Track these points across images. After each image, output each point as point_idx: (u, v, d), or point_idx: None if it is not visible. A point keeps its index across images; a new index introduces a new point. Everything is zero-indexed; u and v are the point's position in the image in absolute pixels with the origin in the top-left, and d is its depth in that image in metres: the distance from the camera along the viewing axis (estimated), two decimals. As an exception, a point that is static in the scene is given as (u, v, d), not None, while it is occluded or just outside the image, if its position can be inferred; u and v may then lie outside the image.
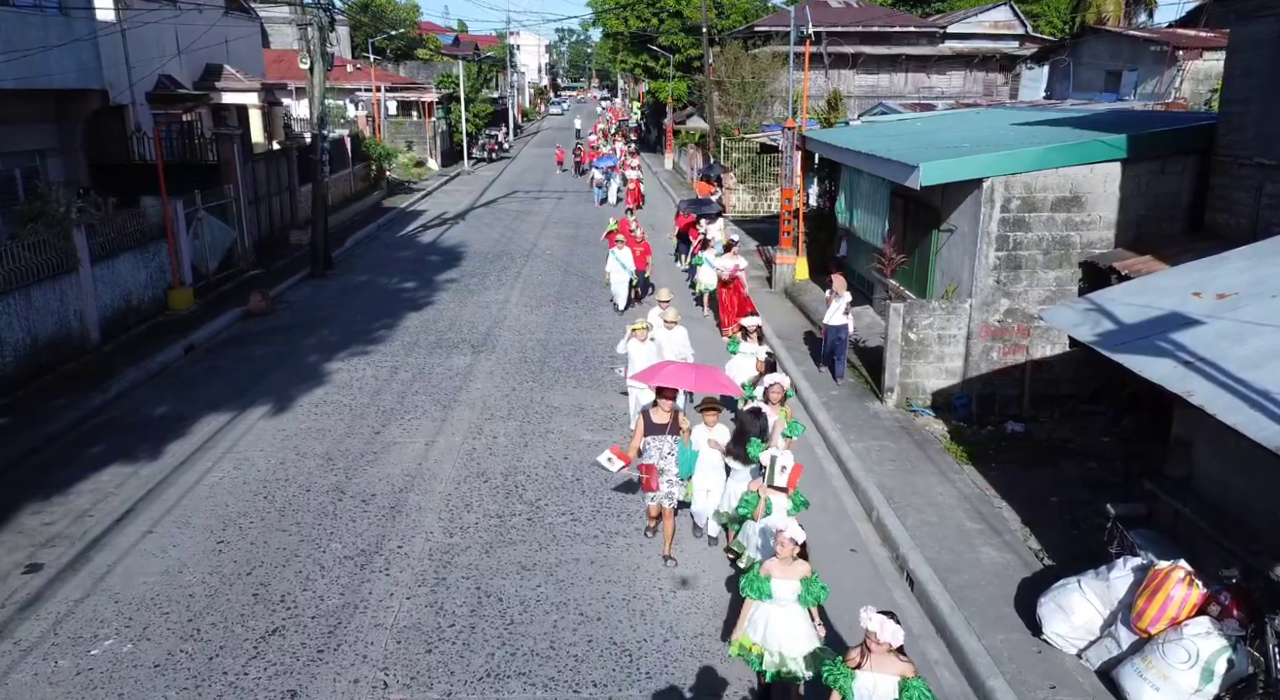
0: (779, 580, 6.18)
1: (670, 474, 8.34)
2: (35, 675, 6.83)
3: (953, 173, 11.56)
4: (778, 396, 8.82)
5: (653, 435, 8.36)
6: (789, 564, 6.24)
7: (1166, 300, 7.72)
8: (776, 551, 6.28)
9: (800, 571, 6.25)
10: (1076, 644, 6.92)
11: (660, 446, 8.33)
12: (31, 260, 13.08)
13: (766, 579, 6.19)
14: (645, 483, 8.42)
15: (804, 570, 6.28)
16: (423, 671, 6.91)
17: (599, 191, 33.83)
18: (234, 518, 9.36)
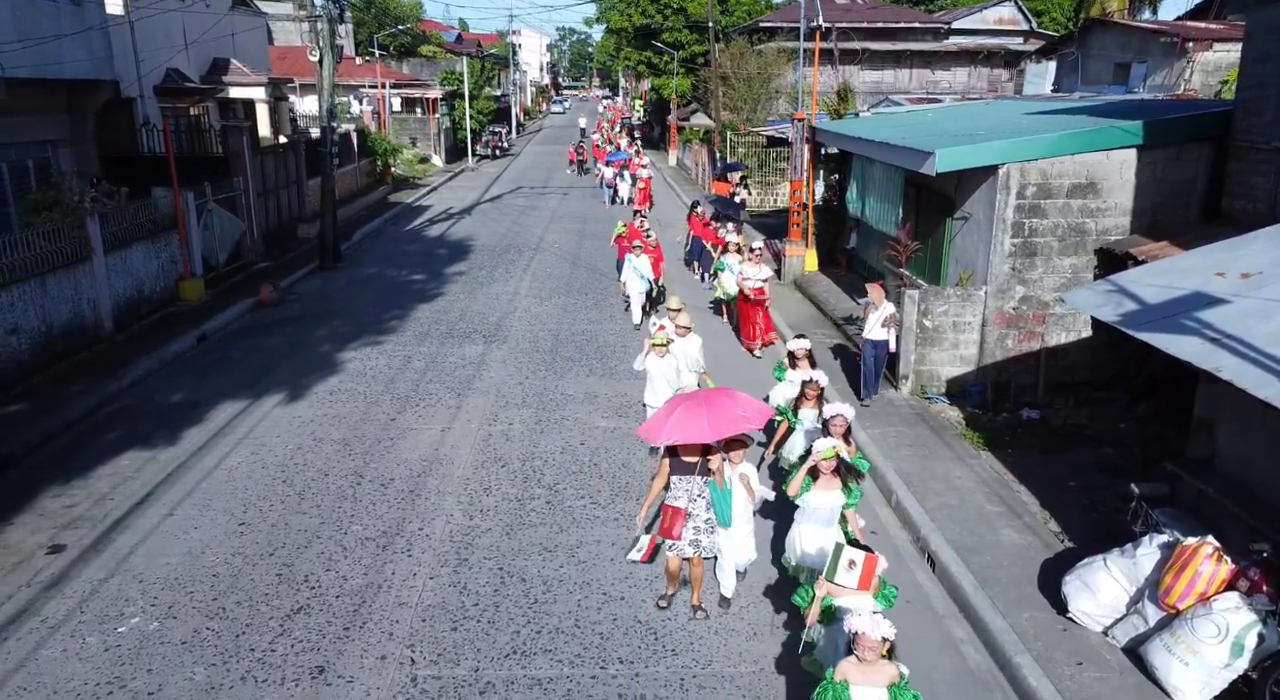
0: (861, 688, 5.03)
1: (700, 519, 7.11)
2: (64, 651, 6.85)
3: (968, 159, 11.57)
4: (840, 429, 7.55)
5: (680, 475, 7.11)
6: (873, 667, 5.03)
7: (1189, 280, 7.72)
8: (857, 653, 5.03)
9: (887, 676, 5.05)
10: (1102, 621, 6.93)
11: (690, 488, 7.10)
12: (46, 248, 13.10)
13: (844, 687, 5.04)
14: (665, 527, 7.08)
15: (891, 674, 5.07)
16: (449, 648, 6.92)
17: (608, 191, 32.44)
18: (254, 501, 9.37)
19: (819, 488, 6.75)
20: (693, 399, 7.21)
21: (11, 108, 14.60)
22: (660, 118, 55.71)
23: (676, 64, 45.96)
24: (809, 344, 9.87)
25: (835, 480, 6.97)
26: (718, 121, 33.91)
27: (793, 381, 9.53)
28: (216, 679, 6.54)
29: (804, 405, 8.80)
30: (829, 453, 6.91)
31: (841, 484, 6.99)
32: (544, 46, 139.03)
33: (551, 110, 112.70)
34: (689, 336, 10.77)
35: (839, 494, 6.99)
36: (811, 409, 8.71)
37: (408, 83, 49.61)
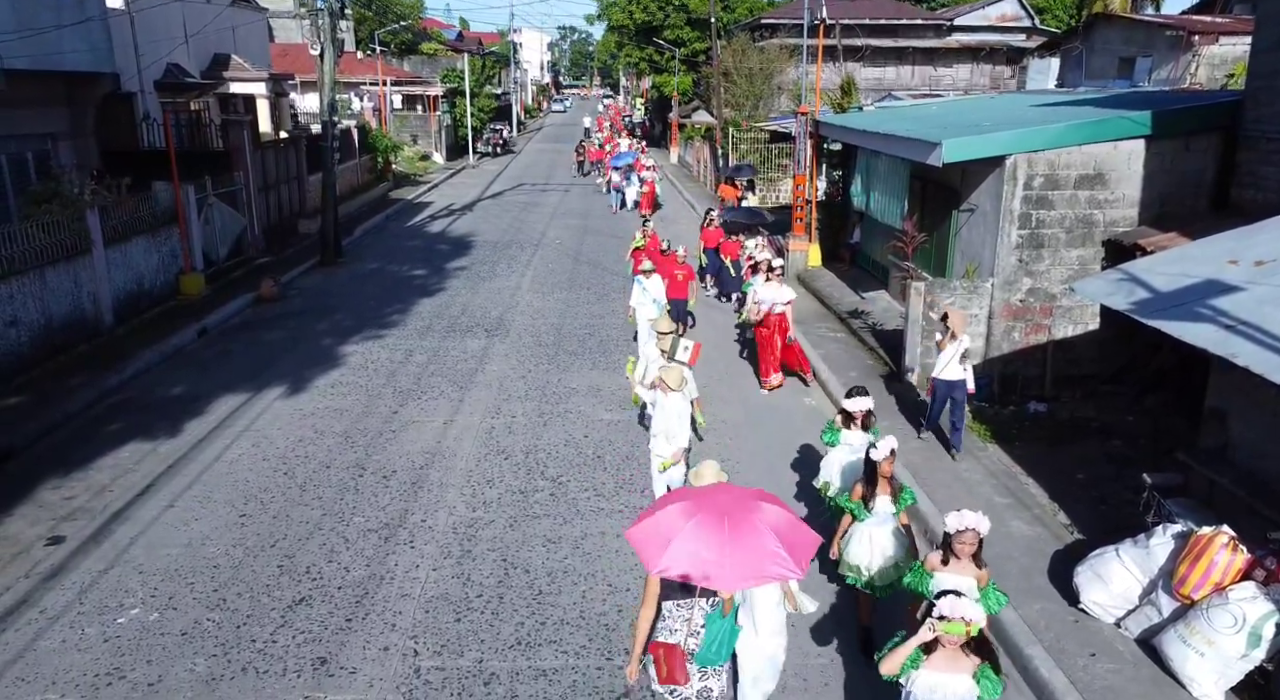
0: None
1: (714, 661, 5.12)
2: (63, 642, 6.76)
3: (975, 150, 11.48)
4: (971, 547, 5.46)
5: (676, 598, 5.16)
6: (956, 656, 4.50)
7: (1202, 268, 7.63)
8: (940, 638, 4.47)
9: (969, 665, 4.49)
10: (1115, 613, 6.84)
11: (691, 617, 5.13)
12: (46, 241, 13.02)
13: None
14: (663, 672, 5.09)
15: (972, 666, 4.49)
16: (453, 640, 6.83)
17: (615, 195, 30.09)
18: (255, 493, 9.28)
19: (936, 667, 4.53)
20: (709, 510, 4.97)
21: (11, 100, 14.50)
22: (661, 115, 55.62)
23: (678, 61, 45.86)
24: (870, 402, 7.63)
25: (965, 659, 4.51)
26: (719, 118, 33.81)
27: (852, 447, 7.56)
28: (217, 670, 6.45)
29: (876, 492, 6.44)
30: (957, 628, 4.38)
31: (976, 668, 4.52)
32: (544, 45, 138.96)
33: (552, 109, 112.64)
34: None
35: (968, 682, 4.51)
36: (885, 495, 6.45)
37: (408, 80, 49.50)
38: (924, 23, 39.32)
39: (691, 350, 9.17)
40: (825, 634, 7.00)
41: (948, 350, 9.81)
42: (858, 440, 7.54)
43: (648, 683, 5.29)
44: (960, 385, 9.85)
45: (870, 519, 6.48)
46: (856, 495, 6.54)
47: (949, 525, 5.45)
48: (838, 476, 7.71)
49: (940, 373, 9.91)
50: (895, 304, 15.63)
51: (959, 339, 9.77)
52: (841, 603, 7.39)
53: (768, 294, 12.20)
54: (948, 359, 9.81)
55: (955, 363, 9.77)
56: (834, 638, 6.97)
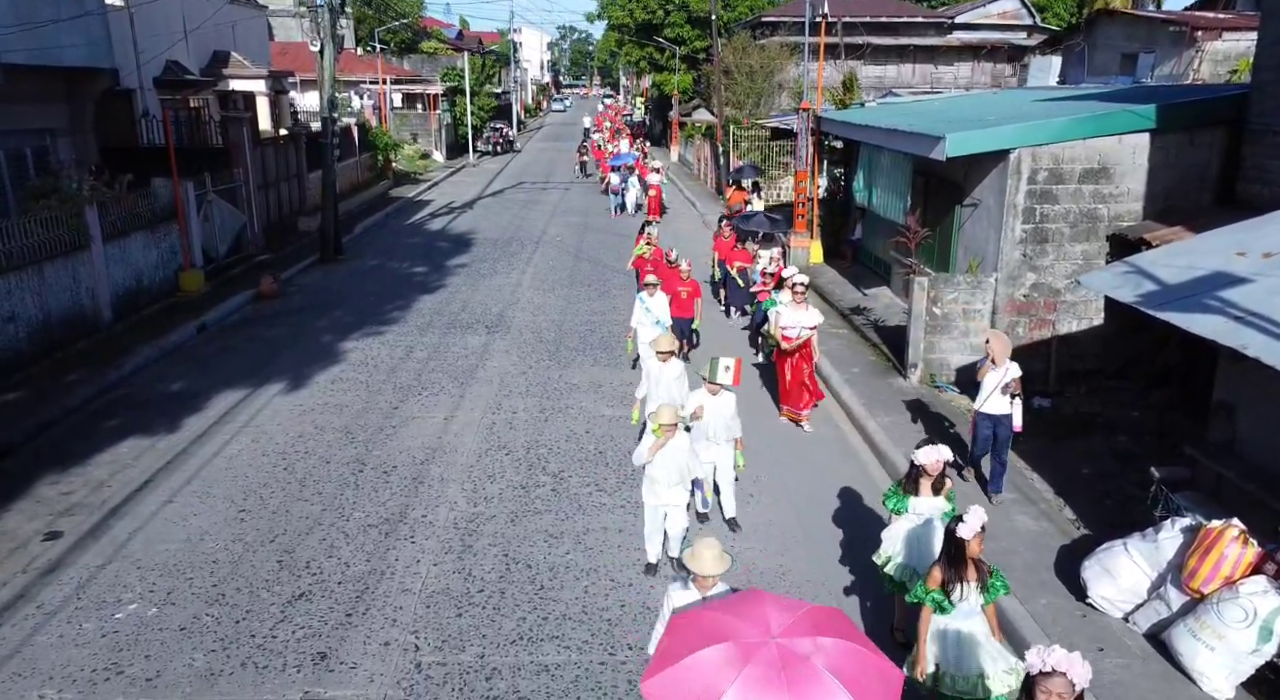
0: None
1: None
2: (60, 637, 6.69)
3: (979, 144, 11.41)
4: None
5: None
6: None
7: (1209, 261, 7.56)
8: None
9: None
10: (1123, 607, 6.77)
11: None
12: (44, 236, 12.95)
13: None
14: None
15: None
16: (454, 635, 6.76)
17: (615, 199, 28.73)
18: (254, 488, 9.21)
19: None
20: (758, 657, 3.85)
21: (9, 95, 14.44)
22: (662, 114, 55.55)
23: (678, 60, 45.79)
24: (949, 453, 6.39)
25: None
26: (720, 117, 33.73)
27: (920, 516, 6.42)
28: (216, 665, 6.38)
29: (959, 580, 5.32)
30: None
31: None
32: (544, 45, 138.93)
33: (552, 108, 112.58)
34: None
35: None
36: (971, 582, 5.34)
37: (409, 79, 49.43)
38: (925, 21, 39.26)
39: (734, 369, 8.02)
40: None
41: (989, 379, 8.65)
42: (927, 508, 6.45)
43: None
44: (1005, 421, 8.65)
45: (955, 612, 5.37)
46: (935, 582, 5.38)
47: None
48: (903, 551, 6.53)
49: (982, 405, 8.74)
50: (898, 300, 15.57)
51: (1000, 366, 8.58)
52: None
53: (792, 318, 10.86)
54: (990, 390, 8.64)
55: (998, 394, 8.61)
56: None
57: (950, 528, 5.35)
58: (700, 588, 5.22)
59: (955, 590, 5.31)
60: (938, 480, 6.42)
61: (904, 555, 6.50)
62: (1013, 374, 8.58)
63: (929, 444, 6.43)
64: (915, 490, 6.47)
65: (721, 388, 8.06)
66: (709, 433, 8.15)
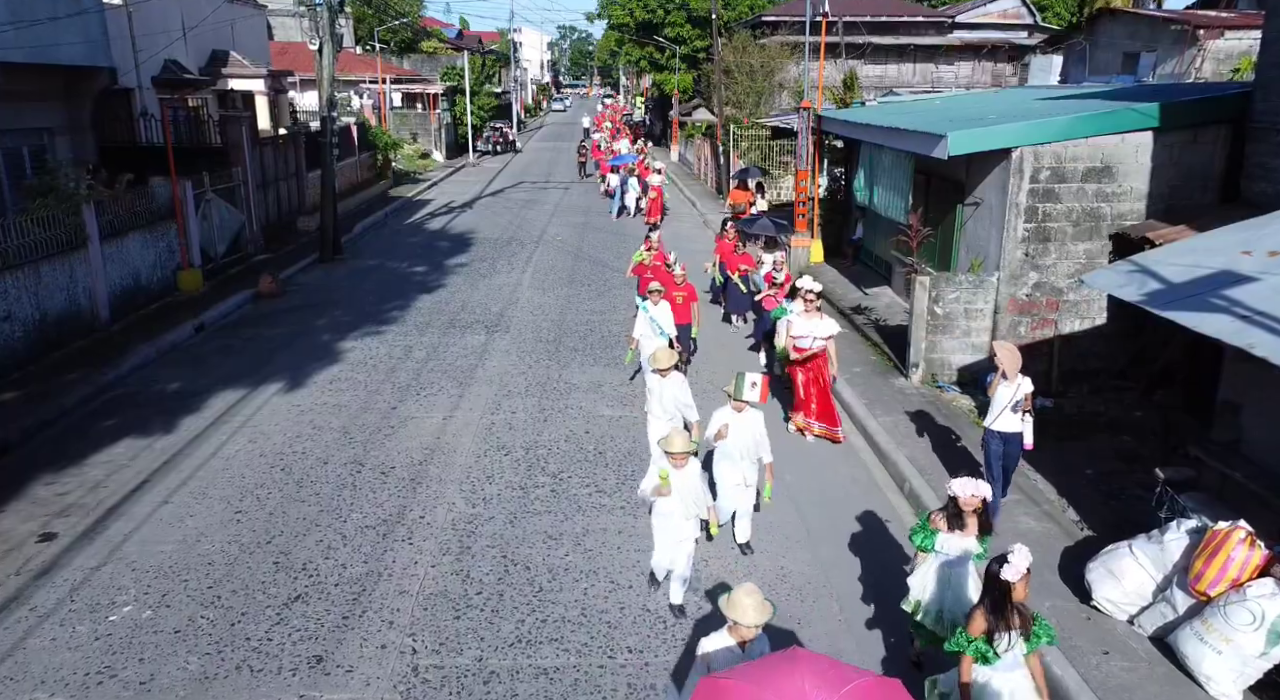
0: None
1: None
2: (53, 640, 6.62)
3: (981, 142, 11.34)
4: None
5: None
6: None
7: (1215, 259, 7.49)
8: None
9: None
10: (1128, 610, 6.70)
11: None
12: (41, 235, 12.87)
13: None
14: None
15: None
16: (451, 637, 6.69)
17: (614, 201, 27.99)
18: (251, 489, 9.14)
19: None
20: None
21: (7, 94, 14.38)
22: (662, 114, 55.46)
23: (678, 59, 45.71)
24: (986, 490, 5.79)
25: None
26: (720, 116, 33.64)
27: (949, 556, 5.85)
28: (210, 668, 6.31)
29: (1004, 628, 4.87)
30: None
31: None
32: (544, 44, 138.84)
33: (553, 108, 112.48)
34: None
35: None
36: (1016, 632, 4.86)
37: (408, 78, 49.37)
38: (925, 20, 39.20)
39: (760, 385, 7.49)
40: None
41: (1000, 394, 8.11)
42: (958, 547, 5.83)
43: None
44: (1016, 440, 8.15)
45: (1000, 663, 4.89)
46: (978, 629, 4.90)
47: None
48: (935, 597, 5.92)
49: (993, 422, 8.19)
50: (899, 300, 15.50)
51: (1012, 380, 8.05)
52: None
53: (804, 327, 10.21)
54: (1002, 406, 8.10)
55: (1009, 411, 8.08)
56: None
57: (992, 569, 4.81)
58: (736, 635, 4.80)
59: (1000, 639, 4.84)
60: (972, 517, 5.83)
61: (937, 601, 5.92)
62: (1025, 389, 8.10)
63: (967, 476, 5.90)
64: (947, 526, 5.86)
65: (747, 405, 7.54)
66: (735, 453, 7.53)
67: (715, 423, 7.62)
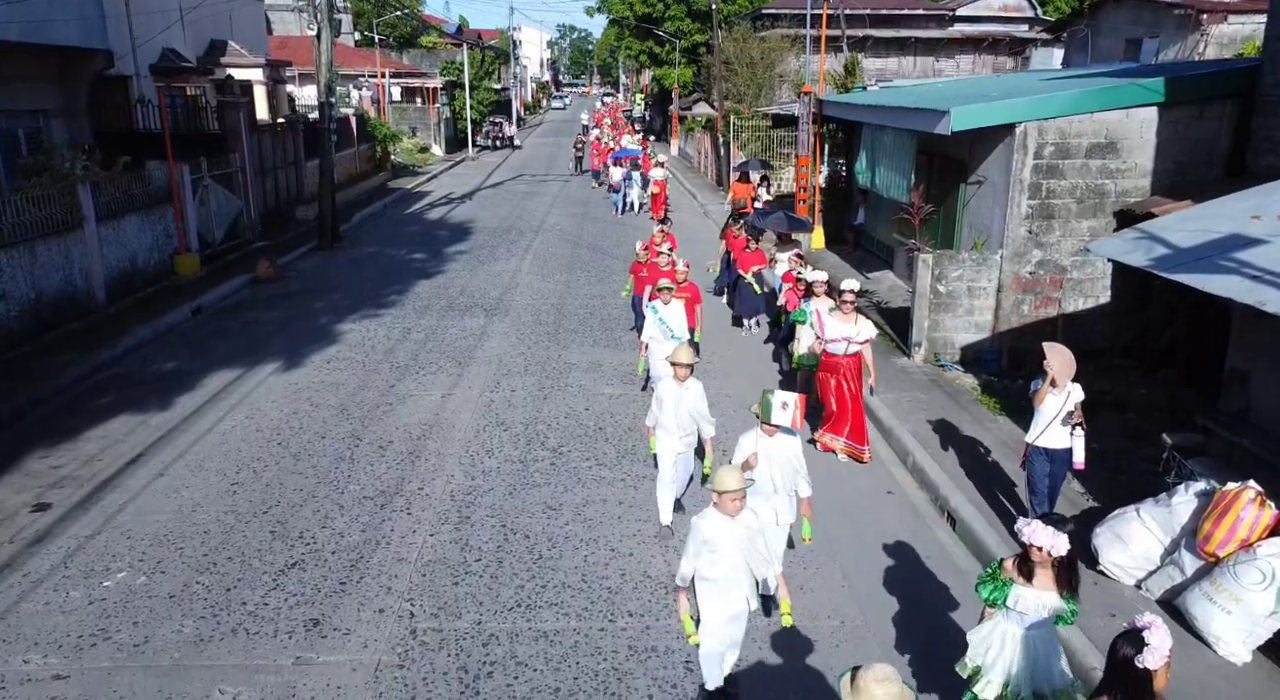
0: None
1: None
2: (46, 605, 6.52)
3: (985, 118, 11.24)
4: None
5: None
6: None
7: (1223, 225, 7.41)
8: None
9: None
10: (1135, 574, 6.61)
11: None
12: (36, 214, 12.77)
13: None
14: None
15: None
16: (450, 602, 6.60)
17: (616, 196, 26.51)
18: (248, 462, 9.05)
19: None
20: None
21: (1, 76, 14.27)
22: (662, 109, 55.38)
23: (678, 53, 45.62)
24: (1065, 544, 4.60)
25: None
26: (720, 107, 33.54)
27: (1025, 616, 4.72)
28: (206, 631, 6.21)
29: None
30: None
31: None
32: (544, 43, 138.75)
33: (552, 106, 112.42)
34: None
35: None
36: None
37: (407, 73, 49.26)
38: (926, 13, 39.08)
39: (794, 407, 6.26)
40: None
41: (1048, 405, 6.94)
42: (1034, 604, 4.67)
43: None
44: (1064, 457, 7.03)
45: None
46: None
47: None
48: (1001, 664, 4.80)
49: (1038, 437, 7.02)
50: (901, 283, 15.41)
51: (1061, 388, 6.91)
52: None
53: (839, 329, 9.06)
54: (1049, 418, 6.95)
55: (1058, 424, 6.96)
56: None
57: (1125, 653, 3.64)
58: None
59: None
60: (1066, 574, 4.67)
61: (1003, 670, 4.80)
62: (1075, 398, 6.92)
63: (1057, 522, 4.69)
64: (1026, 574, 4.71)
65: (779, 429, 6.35)
66: (768, 486, 6.35)
67: (742, 450, 6.35)
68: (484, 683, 5.71)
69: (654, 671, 5.84)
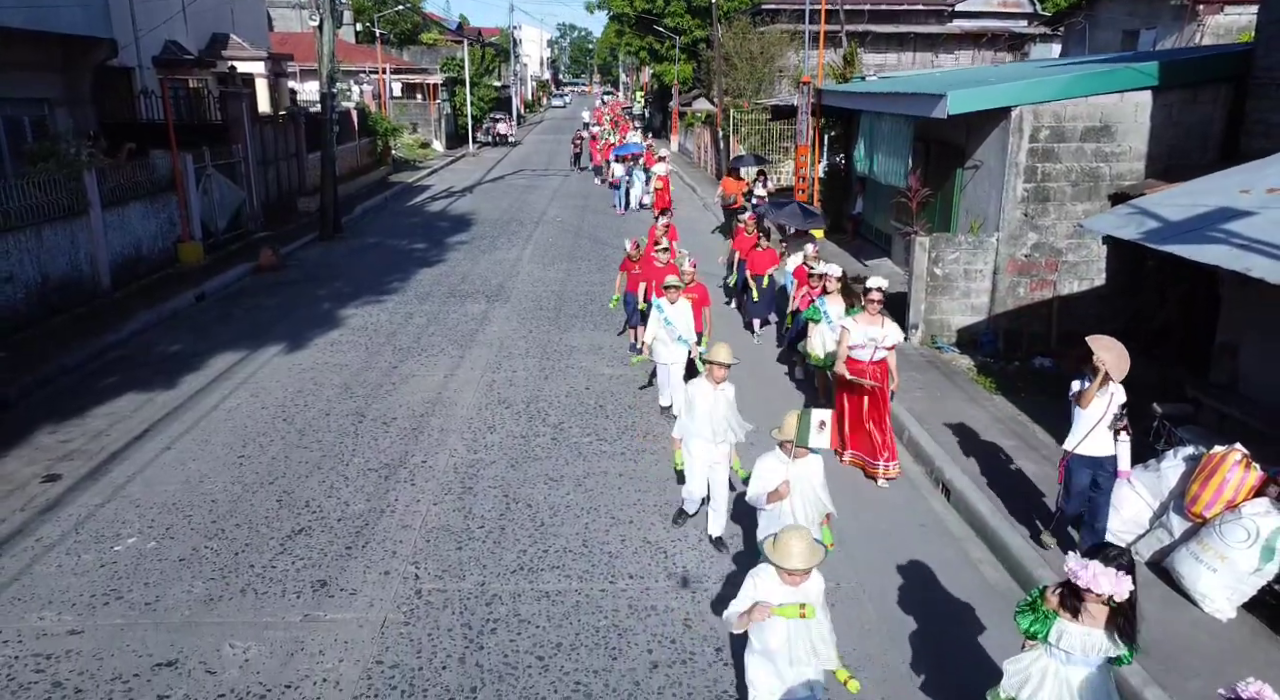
0: None
1: None
2: (59, 567, 6.65)
3: (981, 101, 11.37)
4: None
5: None
6: None
7: (1213, 199, 7.54)
8: None
9: None
10: (1125, 538, 6.74)
11: None
12: (42, 199, 12.90)
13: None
14: None
15: None
16: (454, 565, 6.73)
17: (617, 194, 25.69)
18: (254, 437, 9.18)
19: None
20: None
21: (6, 62, 14.40)
22: (662, 106, 55.49)
23: (678, 49, 45.75)
24: (1128, 585, 4.01)
25: None
26: (720, 101, 33.66)
27: (1070, 655, 4.20)
28: (215, 592, 6.35)
29: None
30: None
31: None
32: (544, 41, 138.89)
33: (552, 104, 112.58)
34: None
35: None
36: None
37: (408, 69, 49.37)
38: (925, 8, 39.18)
39: (830, 426, 5.61)
40: None
41: (1094, 407, 6.22)
42: (1080, 642, 4.15)
43: None
44: (1109, 465, 6.33)
45: None
46: None
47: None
48: None
49: (1078, 444, 6.31)
50: (898, 270, 15.53)
51: (1106, 388, 6.22)
52: None
53: (865, 333, 8.15)
54: (1093, 422, 6.24)
55: (1105, 430, 6.26)
56: None
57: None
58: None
59: None
60: (1100, 606, 4.11)
61: None
62: (1119, 399, 6.25)
63: (1116, 559, 4.05)
64: (1073, 608, 4.14)
65: (811, 452, 5.62)
66: (799, 516, 5.60)
67: (768, 477, 5.59)
68: (487, 638, 5.85)
69: (653, 628, 5.98)
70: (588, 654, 5.70)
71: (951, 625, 6.06)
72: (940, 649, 5.81)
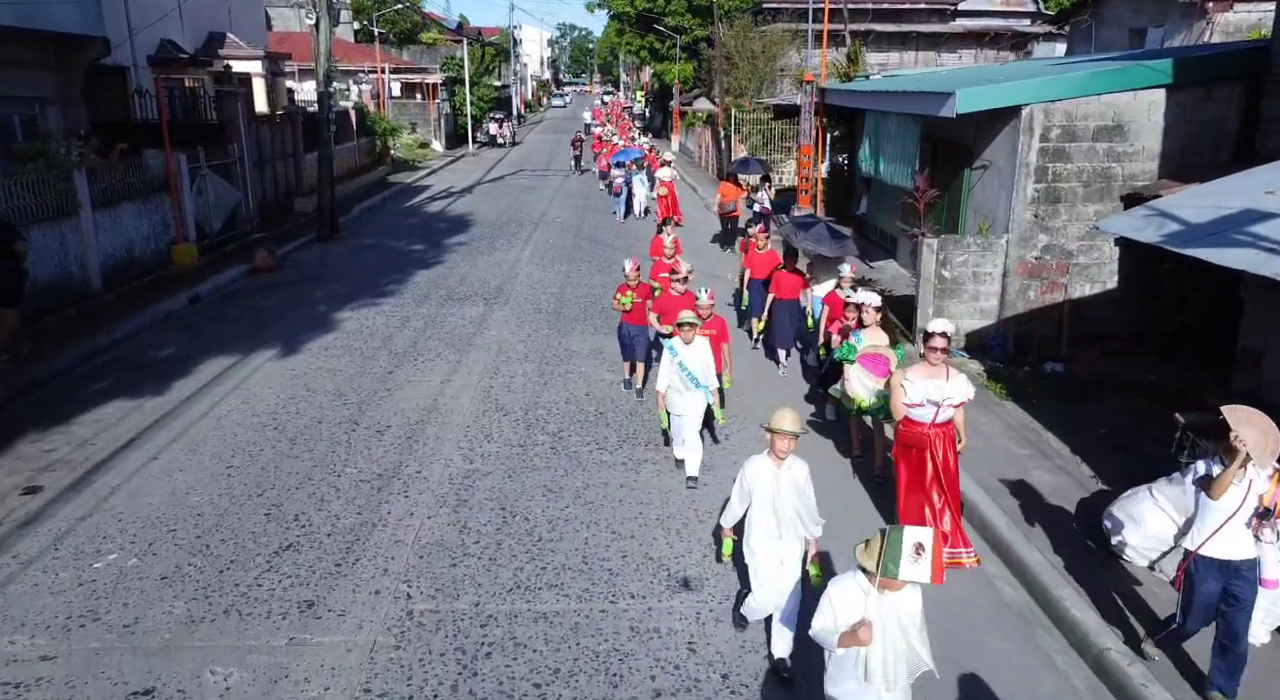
0: None
1: None
2: (35, 586, 6.38)
3: (990, 100, 11.09)
4: None
5: None
6: None
7: (1236, 200, 7.26)
8: None
9: None
10: (1149, 555, 6.47)
11: None
12: (30, 200, 12.62)
13: None
14: None
15: None
16: (448, 584, 6.45)
17: (618, 200, 24.22)
18: (243, 446, 8.90)
19: None
20: None
21: (-3, 60, 14.15)
22: (662, 106, 55.22)
23: (679, 49, 45.47)
24: None
25: None
26: (721, 101, 33.38)
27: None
28: (197, 612, 6.07)
29: None
30: None
31: None
32: (544, 41, 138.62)
33: (552, 104, 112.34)
34: None
35: None
36: None
37: (407, 68, 49.10)
38: (928, 7, 38.88)
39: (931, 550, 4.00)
40: None
41: (1230, 495, 4.91)
42: None
43: None
44: (1246, 571, 5.00)
45: None
46: None
47: None
48: None
49: (1204, 544, 5.03)
50: (904, 272, 15.27)
51: (1249, 471, 4.90)
52: None
53: (925, 390, 6.56)
54: (1227, 514, 4.94)
55: (1239, 524, 4.96)
56: None
57: None
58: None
59: None
60: None
61: None
62: (1258, 488, 4.91)
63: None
64: None
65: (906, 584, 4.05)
66: (883, 674, 4.10)
67: (839, 613, 4.10)
68: (482, 663, 5.57)
69: (656, 652, 5.71)
70: (587, 681, 5.43)
71: (967, 647, 5.78)
72: (956, 666, 5.52)
